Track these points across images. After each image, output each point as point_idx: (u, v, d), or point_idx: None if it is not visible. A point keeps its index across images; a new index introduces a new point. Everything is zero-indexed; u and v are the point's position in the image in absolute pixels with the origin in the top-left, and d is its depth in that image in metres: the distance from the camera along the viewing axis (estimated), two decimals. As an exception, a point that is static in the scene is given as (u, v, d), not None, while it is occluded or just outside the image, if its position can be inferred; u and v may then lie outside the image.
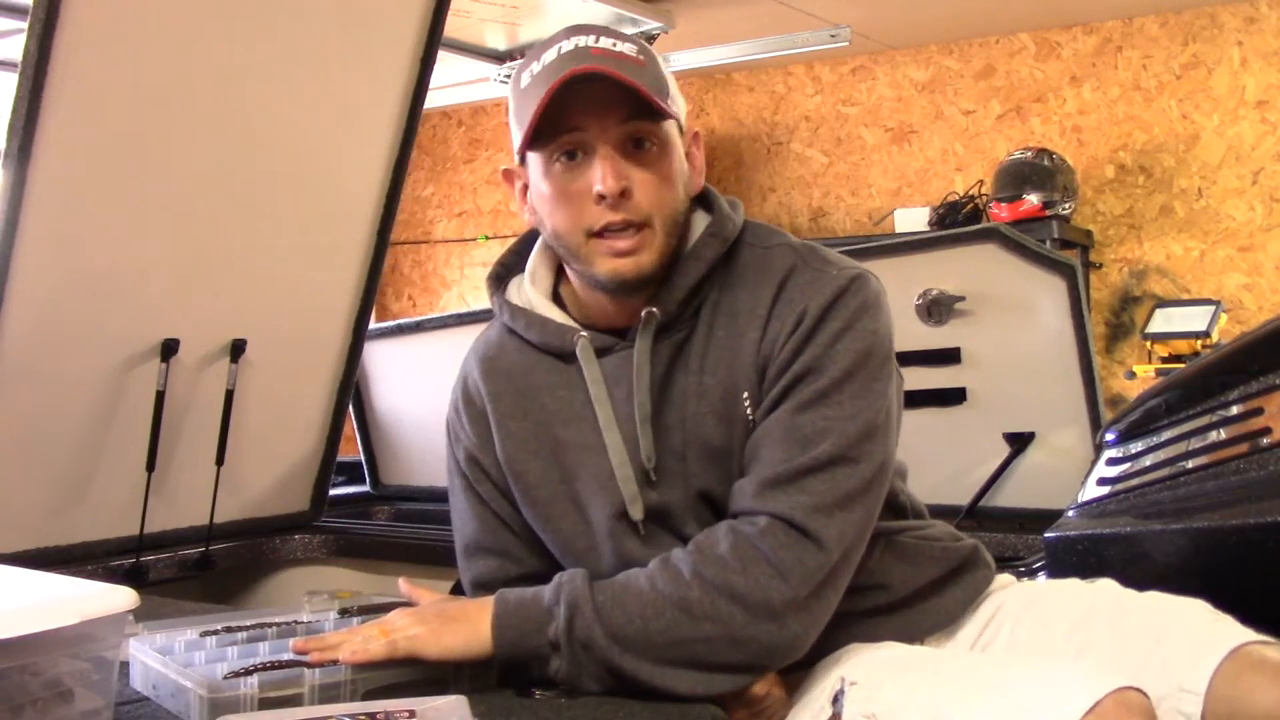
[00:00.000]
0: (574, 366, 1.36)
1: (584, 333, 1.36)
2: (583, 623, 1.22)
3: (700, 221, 1.38)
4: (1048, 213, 4.32)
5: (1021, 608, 1.42)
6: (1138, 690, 1.09)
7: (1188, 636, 1.25)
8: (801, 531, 1.23)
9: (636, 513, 1.33)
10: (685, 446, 1.33)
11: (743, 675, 1.24)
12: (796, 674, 1.33)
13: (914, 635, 1.40)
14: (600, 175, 1.26)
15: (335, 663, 1.21)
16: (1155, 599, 1.36)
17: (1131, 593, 1.39)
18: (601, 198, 1.27)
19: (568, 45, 1.28)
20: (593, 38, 1.28)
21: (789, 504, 1.24)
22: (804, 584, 1.22)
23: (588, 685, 1.23)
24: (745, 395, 1.31)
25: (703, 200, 1.41)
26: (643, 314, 1.32)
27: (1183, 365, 3.24)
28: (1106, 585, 1.44)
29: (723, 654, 1.21)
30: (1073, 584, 1.48)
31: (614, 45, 1.28)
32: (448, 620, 1.25)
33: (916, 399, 2.78)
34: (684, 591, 1.22)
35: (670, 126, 1.31)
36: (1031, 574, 2.06)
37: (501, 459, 1.41)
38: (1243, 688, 1.18)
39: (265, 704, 1.16)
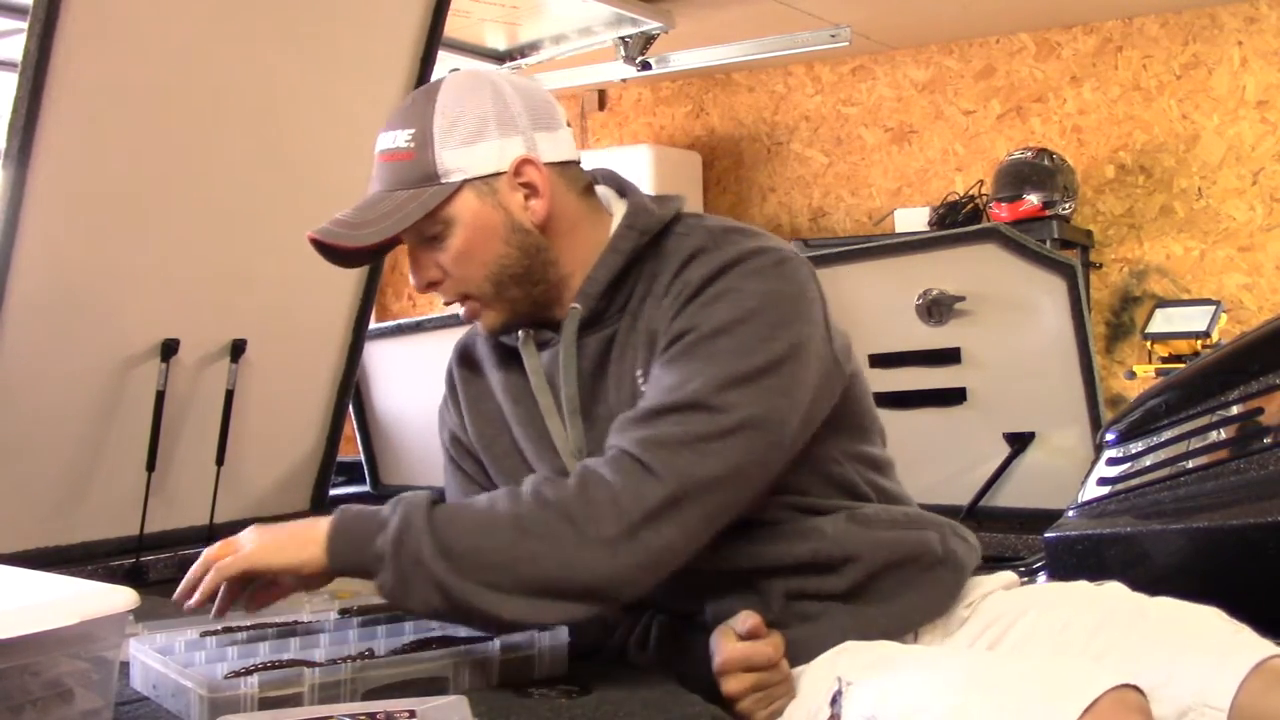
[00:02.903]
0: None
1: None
2: (413, 536, 1.22)
3: (622, 216, 1.43)
4: (1048, 213, 4.32)
5: (1034, 612, 1.40)
6: (1135, 688, 1.09)
7: (1209, 649, 1.23)
8: (641, 464, 1.23)
9: None
10: None
11: (573, 605, 1.23)
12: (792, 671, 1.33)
13: (905, 627, 1.39)
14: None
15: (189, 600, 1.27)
16: (1170, 606, 1.34)
17: (1144, 598, 1.37)
18: None
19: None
20: (385, 134, 1.37)
21: (635, 437, 1.25)
22: (637, 510, 1.21)
23: (415, 605, 1.23)
24: (640, 374, 1.35)
25: (625, 193, 1.45)
26: (569, 309, 1.39)
27: (1183, 365, 3.25)
28: (1116, 589, 1.43)
29: (552, 577, 1.21)
30: (1082, 587, 1.46)
31: (393, 141, 1.36)
32: (289, 534, 1.27)
33: (916, 399, 2.79)
34: (519, 509, 1.23)
35: (458, 203, 1.34)
36: (1031, 574, 2.06)
37: (473, 435, 1.50)
38: (1271, 703, 1.17)
39: (265, 704, 1.16)
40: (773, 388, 1.28)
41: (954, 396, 2.74)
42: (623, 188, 1.46)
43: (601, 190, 1.47)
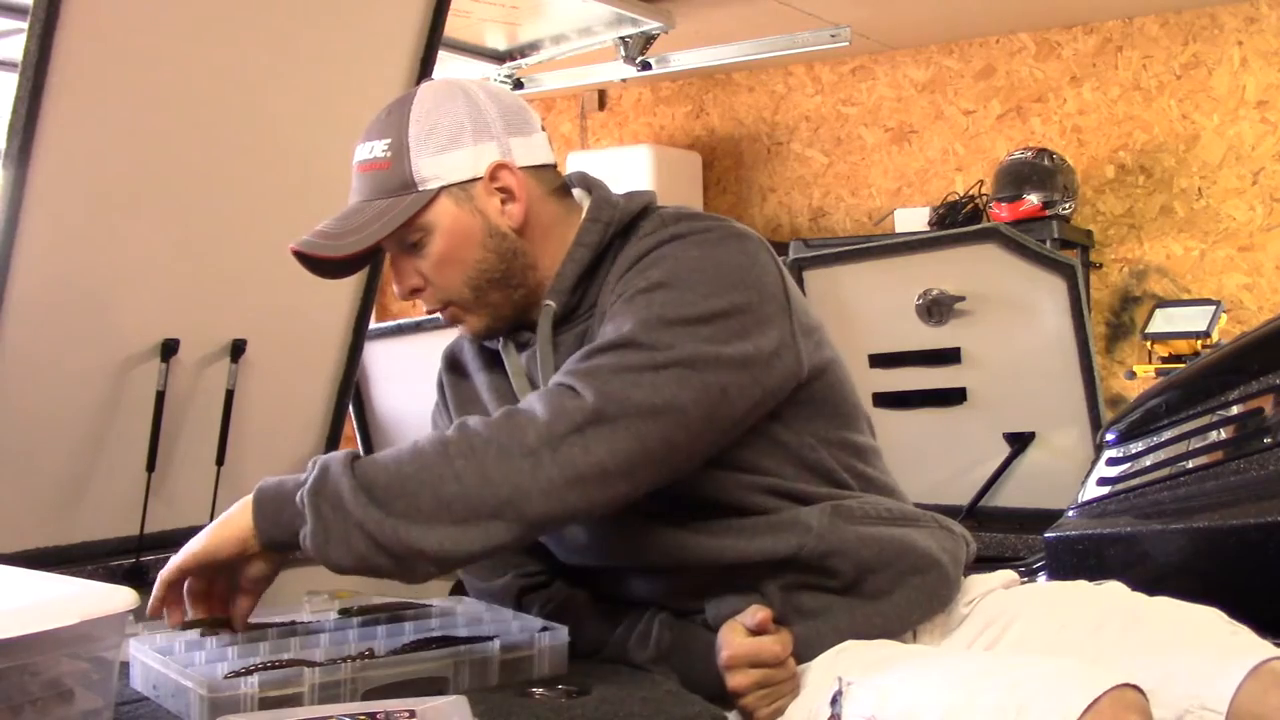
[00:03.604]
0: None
1: None
2: (331, 480, 1.21)
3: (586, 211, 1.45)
4: (1048, 213, 4.32)
5: (1033, 611, 1.40)
6: (1135, 688, 1.09)
7: (1207, 650, 1.23)
8: (569, 388, 1.23)
9: None
10: None
11: (496, 525, 1.20)
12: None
13: (904, 626, 1.39)
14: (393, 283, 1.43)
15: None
16: (1169, 606, 1.34)
17: (1143, 598, 1.37)
18: None
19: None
20: (362, 145, 1.40)
21: (566, 370, 1.26)
22: (561, 424, 1.20)
23: (338, 554, 1.20)
24: None
25: (592, 190, 1.47)
26: (542, 307, 1.41)
27: (1183, 365, 3.25)
28: (1116, 589, 1.42)
29: (473, 493, 1.19)
30: (1082, 587, 1.46)
31: (370, 152, 1.39)
32: (219, 520, 1.27)
33: (916, 399, 2.79)
34: (443, 437, 1.23)
35: (435, 210, 1.37)
36: (1031, 574, 2.06)
37: None
38: (1269, 705, 1.16)
39: (265, 704, 1.16)
40: (710, 336, 1.27)
41: (954, 396, 2.74)
42: (590, 186, 1.48)
43: (578, 193, 1.49)
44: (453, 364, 1.57)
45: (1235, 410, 1.78)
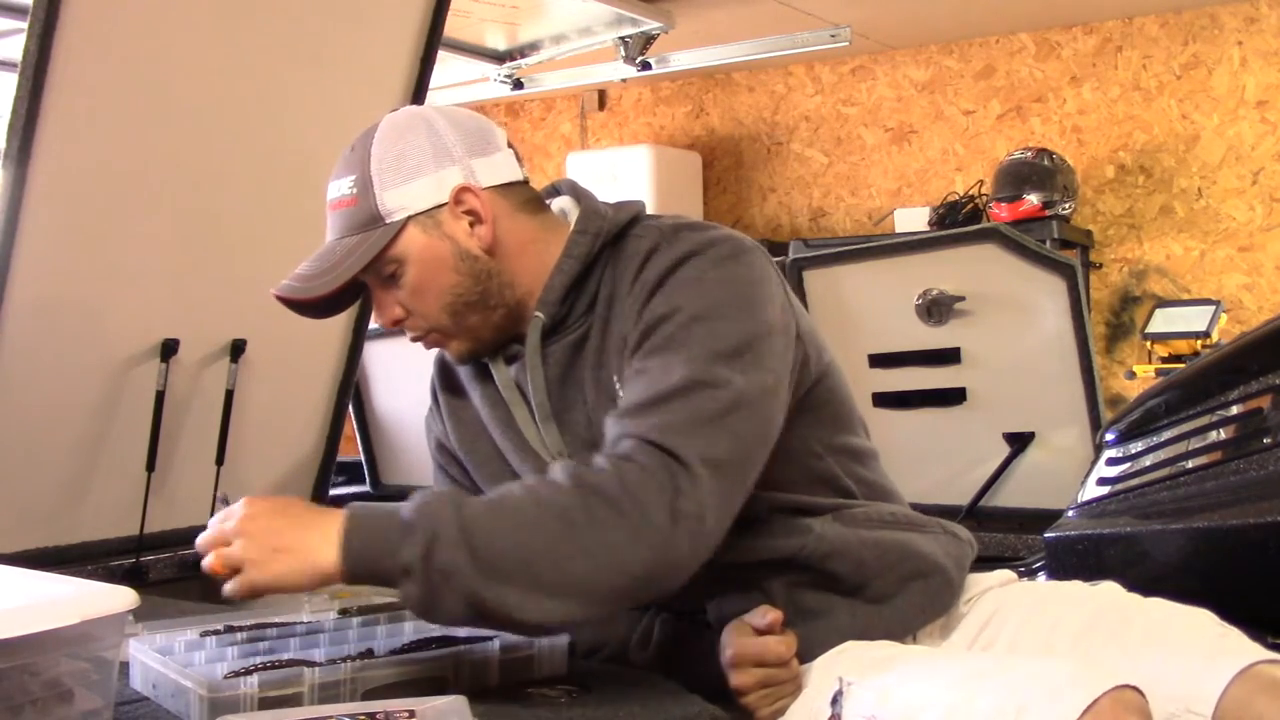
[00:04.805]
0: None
1: None
2: (444, 545, 1.17)
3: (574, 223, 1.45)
4: (1048, 213, 4.32)
5: (1025, 610, 1.40)
6: (1134, 689, 1.09)
7: (1195, 652, 1.23)
8: (662, 449, 1.21)
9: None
10: (596, 437, 1.36)
11: (619, 600, 1.22)
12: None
13: (906, 629, 1.40)
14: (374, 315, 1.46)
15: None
16: (1160, 608, 1.34)
17: (1136, 599, 1.38)
18: None
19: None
20: (332, 183, 1.41)
21: (646, 425, 1.23)
22: (679, 498, 1.19)
23: (439, 619, 1.21)
24: (615, 378, 1.36)
25: (580, 200, 1.47)
26: (531, 319, 1.41)
27: (1183, 365, 3.25)
28: (1110, 589, 1.43)
29: (605, 578, 1.18)
30: (1076, 587, 1.46)
31: (339, 190, 1.40)
32: (300, 552, 1.19)
33: (916, 399, 2.79)
34: (564, 504, 1.19)
35: (404, 240, 1.37)
36: (1031, 574, 2.06)
37: (455, 442, 1.53)
38: (1255, 708, 1.16)
39: (265, 704, 1.16)
40: (755, 363, 1.28)
41: (954, 396, 2.74)
42: (578, 195, 1.48)
43: (563, 201, 1.49)
44: (444, 371, 1.57)
45: (1235, 410, 1.78)
